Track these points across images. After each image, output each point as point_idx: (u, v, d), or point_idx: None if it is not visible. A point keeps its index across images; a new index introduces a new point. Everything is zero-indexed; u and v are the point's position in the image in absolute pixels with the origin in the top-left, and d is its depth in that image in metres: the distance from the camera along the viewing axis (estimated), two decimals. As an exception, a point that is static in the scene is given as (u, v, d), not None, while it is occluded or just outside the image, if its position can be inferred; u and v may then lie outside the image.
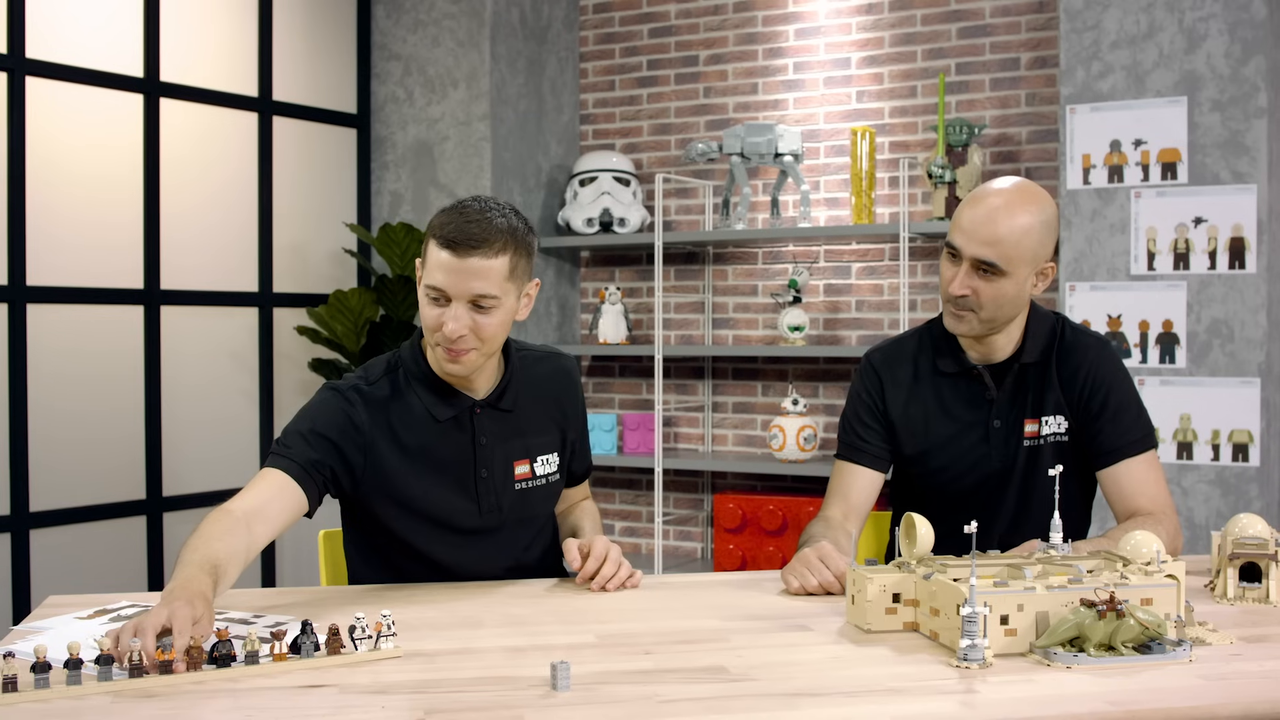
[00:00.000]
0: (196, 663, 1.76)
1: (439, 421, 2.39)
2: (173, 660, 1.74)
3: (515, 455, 2.47)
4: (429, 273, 2.27)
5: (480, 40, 5.12)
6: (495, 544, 2.49)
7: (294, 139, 5.04)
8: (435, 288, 2.26)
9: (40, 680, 1.68)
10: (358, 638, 1.87)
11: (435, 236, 2.26)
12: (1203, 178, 3.98)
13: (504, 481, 2.46)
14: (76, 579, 4.23)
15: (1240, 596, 2.26)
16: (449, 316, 2.25)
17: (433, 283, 2.26)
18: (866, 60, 5.02)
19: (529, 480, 2.49)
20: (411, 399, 2.39)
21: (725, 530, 4.97)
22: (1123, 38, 4.07)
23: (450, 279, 2.24)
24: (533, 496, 2.51)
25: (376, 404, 2.37)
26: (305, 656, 1.83)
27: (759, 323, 5.25)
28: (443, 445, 2.40)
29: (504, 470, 2.46)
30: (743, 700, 1.68)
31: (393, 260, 4.86)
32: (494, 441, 2.44)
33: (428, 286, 2.27)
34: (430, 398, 2.40)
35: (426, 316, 2.30)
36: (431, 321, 2.29)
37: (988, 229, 2.45)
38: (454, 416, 2.40)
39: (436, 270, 2.25)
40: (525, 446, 2.49)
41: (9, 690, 1.65)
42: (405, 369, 2.42)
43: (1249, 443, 3.91)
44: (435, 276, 2.25)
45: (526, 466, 2.48)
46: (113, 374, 4.42)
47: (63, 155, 4.25)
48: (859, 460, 2.69)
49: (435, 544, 2.44)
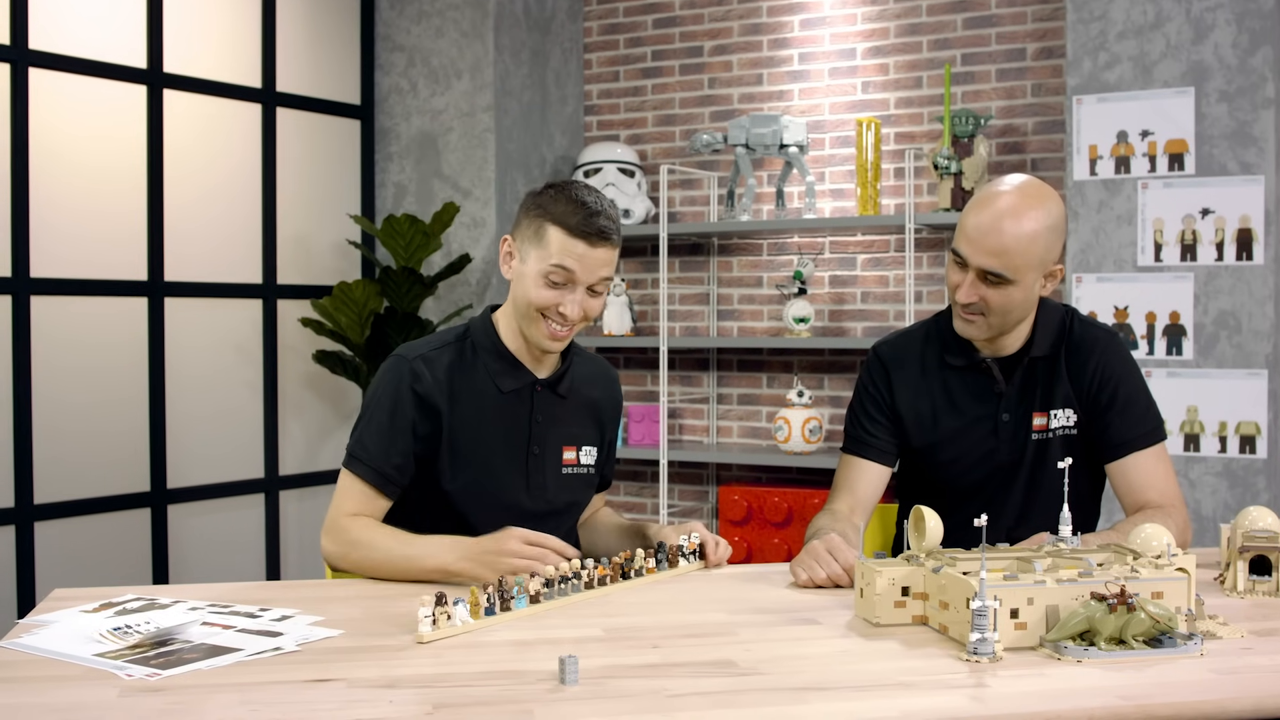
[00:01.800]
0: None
1: (503, 393, 2.50)
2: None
3: (565, 440, 2.58)
4: (555, 255, 2.39)
5: (484, 31, 5.10)
6: (535, 528, 2.50)
7: (298, 130, 5.03)
8: (564, 268, 2.38)
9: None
10: (687, 553, 2.48)
11: (562, 224, 2.38)
12: (1210, 169, 3.96)
13: (553, 463, 2.56)
14: (81, 572, 4.22)
15: (1250, 590, 2.25)
16: (570, 300, 2.41)
17: (565, 264, 2.38)
18: (872, 51, 5.00)
19: (574, 467, 2.60)
20: (478, 368, 2.51)
21: (730, 522, 4.96)
22: (1130, 28, 4.05)
23: (584, 266, 2.39)
24: (575, 484, 2.62)
25: (443, 369, 2.48)
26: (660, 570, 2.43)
27: (764, 314, 5.24)
28: (502, 416, 2.51)
29: (554, 452, 2.57)
30: (751, 694, 1.67)
31: (397, 252, 4.85)
32: (548, 422, 2.55)
33: (554, 267, 2.39)
34: (497, 367, 2.51)
35: (539, 297, 2.41)
36: (546, 301, 2.41)
37: (994, 239, 2.42)
38: (516, 390, 2.52)
39: (568, 256, 2.38)
40: (573, 434, 2.60)
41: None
42: (475, 339, 2.54)
43: (1256, 435, 3.89)
44: (568, 261, 2.39)
45: (574, 453, 2.60)
46: (117, 366, 4.41)
47: (66, 147, 4.24)
48: (865, 455, 2.69)
49: (480, 519, 2.47)
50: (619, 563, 2.36)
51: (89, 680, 1.73)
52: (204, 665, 1.78)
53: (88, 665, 1.79)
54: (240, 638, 1.93)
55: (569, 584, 2.23)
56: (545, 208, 2.42)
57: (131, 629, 1.98)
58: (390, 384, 2.47)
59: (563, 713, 1.60)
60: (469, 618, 2.01)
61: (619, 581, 2.34)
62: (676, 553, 2.50)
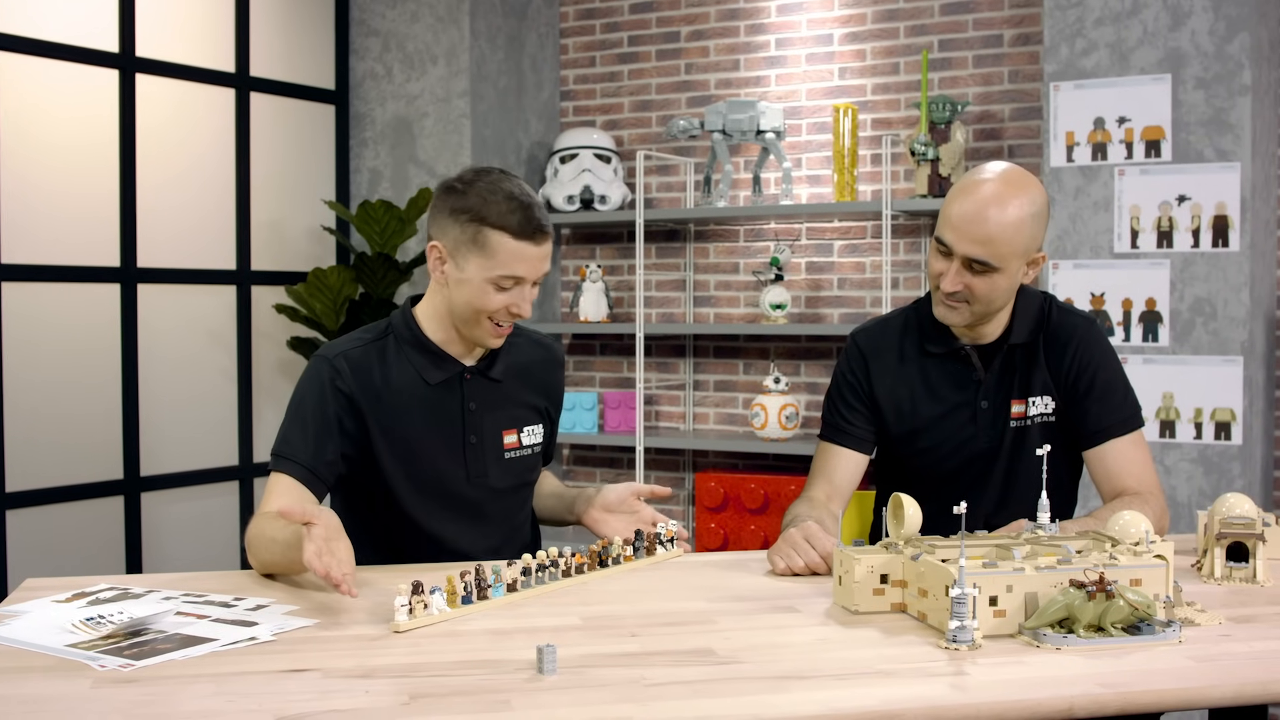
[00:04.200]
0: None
1: (430, 385, 2.46)
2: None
3: (504, 425, 2.54)
4: (505, 264, 2.35)
5: (460, 16, 5.07)
6: (485, 517, 2.54)
7: (272, 115, 4.99)
8: (515, 277, 2.36)
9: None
10: (663, 541, 2.50)
11: (505, 229, 2.34)
12: (1187, 155, 3.97)
13: (494, 449, 2.53)
14: (53, 560, 4.19)
15: (1227, 576, 2.26)
16: (522, 298, 2.39)
17: (514, 273, 2.36)
18: (849, 37, 4.99)
19: (517, 450, 2.57)
20: (402, 363, 2.47)
21: (707, 509, 4.96)
22: (1107, 14, 4.05)
23: (531, 266, 2.36)
24: (520, 465, 2.59)
25: (364, 368, 2.44)
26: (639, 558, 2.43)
27: (740, 301, 5.23)
28: (433, 409, 2.47)
29: (493, 438, 2.53)
30: (731, 683, 1.67)
31: (372, 238, 4.82)
32: (482, 408, 2.51)
33: (504, 277, 2.35)
34: (422, 360, 2.47)
35: (490, 302, 2.37)
36: (497, 305, 2.38)
37: (979, 227, 2.41)
38: (444, 381, 2.48)
39: (516, 262, 2.35)
40: (512, 417, 2.56)
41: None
42: (396, 334, 2.49)
43: (1231, 421, 3.91)
44: (517, 268, 2.35)
45: (514, 436, 2.56)
46: (89, 353, 4.37)
47: (37, 132, 4.19)
48: (842, 442, 2.68)
49: (426, 514, 2.48)
50: (596, 550, 2.35)
51: (61, 671, 1.71)
52: (178, 656, 1.77)
53: (60, 656, 1.78)
54: (215, 627, 1.92)
55: (546, 572, 2.22)
56: (478, 211, 2.35)
57: (104, 619, 1.96)
58: (313, 383, 2.43)
59: (541, 702, 1.59)
60: (445, 607, 2.00)
61: (596, 570, 2.33)
62: (654, 541, 2.50)
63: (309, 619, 1.97)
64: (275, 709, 1.55)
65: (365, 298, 4.86)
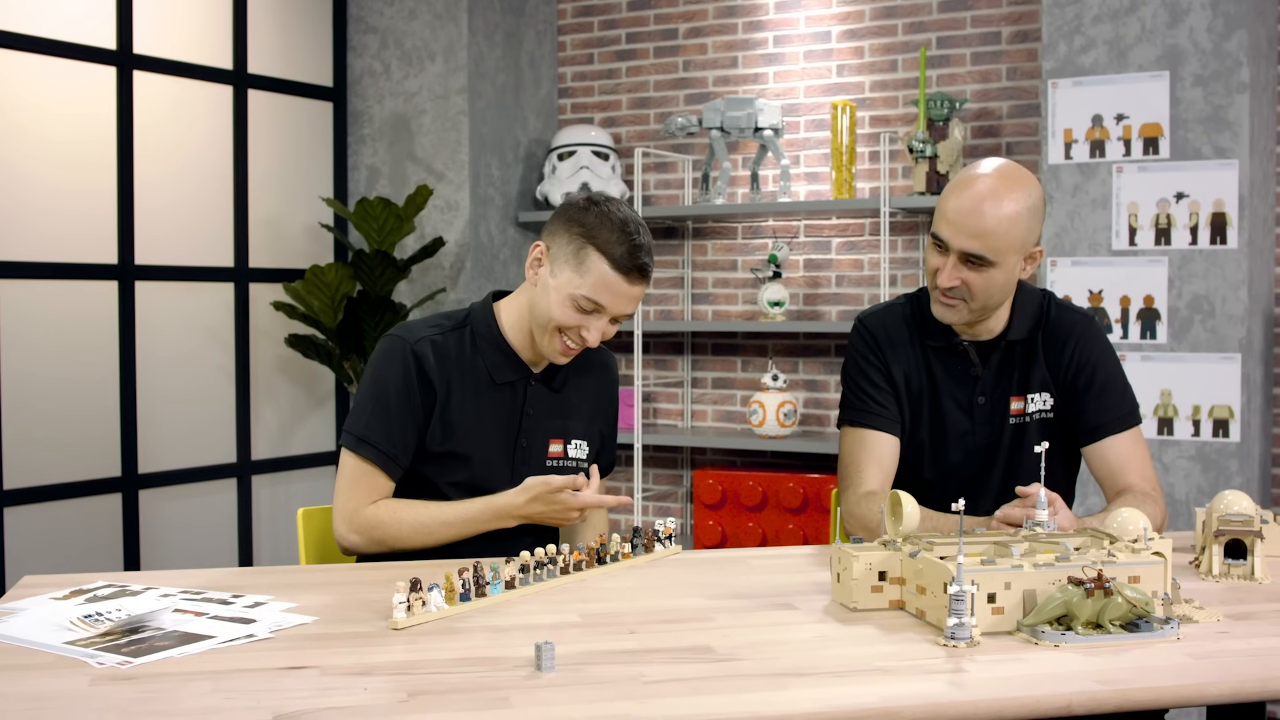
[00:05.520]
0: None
1: (497, 383, 2.51)
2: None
3: (554, 434, 2.58)
4: (593, 289, 2.39)
5: (458, 13, 5.06)
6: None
7: (269, 112, 4.98)
8: (598, 304, 2.40)
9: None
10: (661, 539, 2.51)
11: (607, 255, 2.38)
12: (1185, 153, 3.97)
13: (538, 456, 2.56)
14: (51, 558, 4.19)
15: (1226, 573, 2.26)
16: (595, 327, 2.43)
17: (598, 300, 2.40)
18: (847, 34, 4.99)
19: (560, 460, 2.59)
20: (476, 358, 2.51)
21: (705, 506, 4.96)
22: (1105, 12, 4.05)
23: (618, 302, 2.41)
24: (558, 475, 2.56)
25: (444, 355, 2.49)
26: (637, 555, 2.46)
27: (739, 298, 5.23)
28: (494, 407, 2.52)
29: (541, 446, 2.57)
30: (729, 681, 1.66)
31: (370, 235, 4.82)
32: (539, 415, 2.56)
33: (588, 299, 2.39)
34: (495, 358, 2.52)
35: (564, 317, 2.42)
36: (569, 323, 2.42)
37: (975, 221, 2.40)
38: (511, 382, 2.53)
39: (604, 290, 2.39)
40: (564, 428, 2.60)
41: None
42: (475, 328, 2.54)
43: (1229, 418, 3.91)
44: (603, 296, 2.40)
45: (560, 446, 2.59)
46: (87, 350, 4.37)
47: (34, 129, 4.18)
48: (878, 426, 2.60)
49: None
50: (594, 548, 2.35)
51: (59, 669, 1.71)
52: (176, 653, 1.77)
53: (58, 653, 1.77)
54: (213, 625, 1.91)
55: (544, 569, 2.22)
56: (591, 229, 2.39)
57: (102, 616, 1.96)
58: (395, 366, 2.46)
59: (539, 699, 1.58)
60: (444, 604, 1.99)
61: (595, 567, 2.33)
62: (653, 538, 2.50)
63: (307, 616, 1.97)
64: (273, 706, 1.55)
65: (363, 295, 4.85)
